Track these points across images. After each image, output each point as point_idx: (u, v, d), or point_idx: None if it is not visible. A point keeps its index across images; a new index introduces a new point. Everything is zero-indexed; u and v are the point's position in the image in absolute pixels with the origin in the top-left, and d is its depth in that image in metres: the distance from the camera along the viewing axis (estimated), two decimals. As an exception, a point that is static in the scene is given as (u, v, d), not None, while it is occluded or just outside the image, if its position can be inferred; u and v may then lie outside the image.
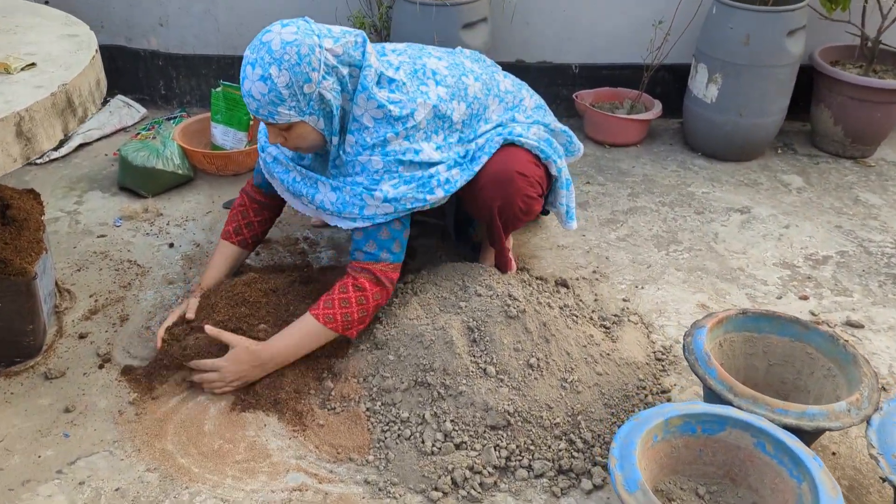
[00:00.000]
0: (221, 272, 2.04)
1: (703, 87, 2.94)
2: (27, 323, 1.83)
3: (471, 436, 1.65)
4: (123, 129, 3.07)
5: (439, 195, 1.82)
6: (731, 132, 2.95)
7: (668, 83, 3.22)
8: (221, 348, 1.79)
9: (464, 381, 1.70)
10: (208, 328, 1.79)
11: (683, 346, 1.68)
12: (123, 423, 1.73)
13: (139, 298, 2.13)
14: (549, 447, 1.66)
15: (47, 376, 1.85)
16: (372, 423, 1.72)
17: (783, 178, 2.93)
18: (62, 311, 2.06)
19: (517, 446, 1.65)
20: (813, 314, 2.18)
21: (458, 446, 1.64)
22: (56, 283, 2.11)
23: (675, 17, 2.94)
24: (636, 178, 2.89)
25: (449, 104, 1.85)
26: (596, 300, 2.18)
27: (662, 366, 1.96)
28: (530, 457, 1.64)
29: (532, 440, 1.66)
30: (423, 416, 1.69)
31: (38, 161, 2.80)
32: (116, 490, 1.57)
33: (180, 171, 2.64)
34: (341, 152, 1.81)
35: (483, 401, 1.67)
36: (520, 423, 1.67)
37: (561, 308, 1.92)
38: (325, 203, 1.84)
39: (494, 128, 1.97)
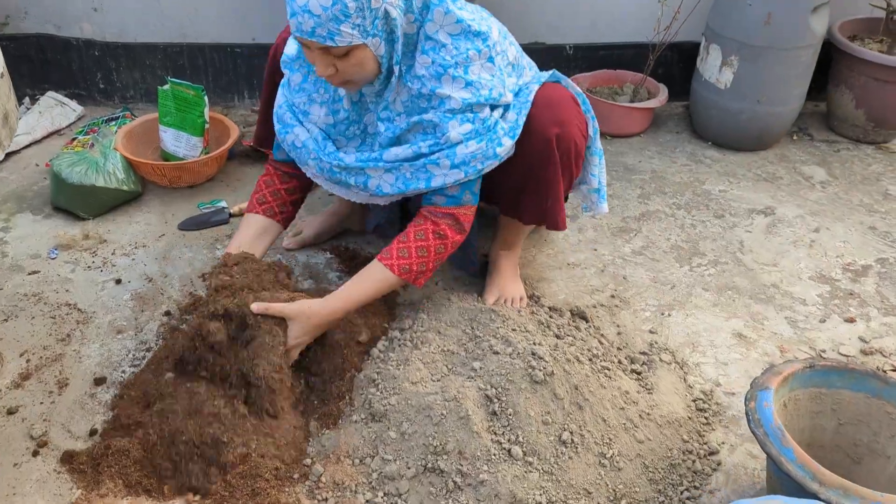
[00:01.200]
0: (245, 245, 1.76)
1: (717, 70, 2.63)
2: (-62, 408, 1.48)
3: None
4: (57, 133, 2.66)
5: (507, 145, 1.62)
6: (748, 121, 2.65)
7: (673, 63, 2.91)
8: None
9: (484, 467, 1.40)
10: (255, 306, 1.55)
11: (747, 413, 1.40)
12: (65, 535, 1.40)
13: (80, 355, 1.78)
14: (591, 544, 1.38)
15: (-32, 471, 1.50)
16: None
17: (803, 170, 2.65)
18: (-14, 379, 1.70)
19: None
20: (863, 340, 1.92)
21: None
22: (-22, 341, 1.76)
23: (684, -8, 2.62)
24: (644, 176, 2.59)
25: (504, 41, 1.65)
26: (619, 334, 1.89)
27: (706, 418, 1.68)
28: None
29: None
30: None
31: (-44, 176, 2.40)
32: None
33: (125, 188, 2.26)
34: (408, 82, 1.57)
35: (509, 491, 1.38)
36: None
37: (591, 360, 1.62)
38: (382, 188, 1.66)
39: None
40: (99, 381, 1.71)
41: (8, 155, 2.51)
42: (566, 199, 1.83)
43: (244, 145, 2.58)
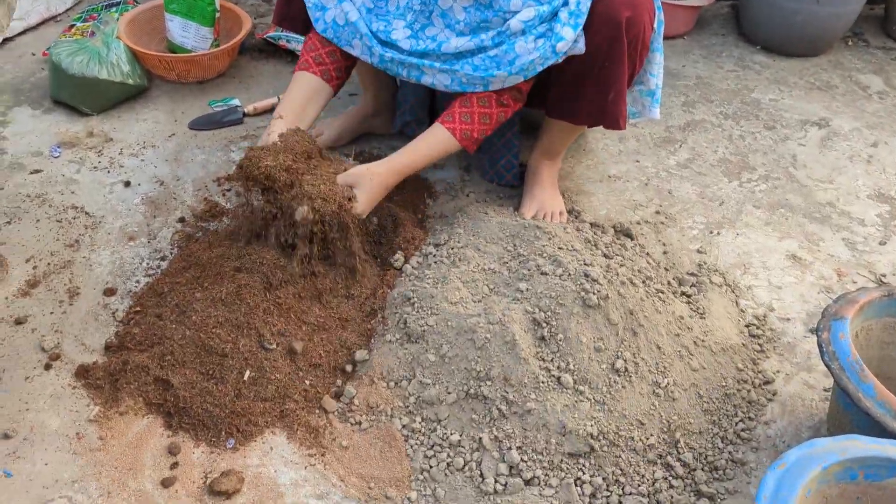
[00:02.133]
0: (297, 109, 1.63)
1: (773, -35, 2.41)
2: (-60, 318, 1.36)
3: (544, 468, 1.27)
4: (53, 19, 2.46)
5: (568, 37, 1.49)
6: (804, 23, 2.44)
7: (721, -43, 2.67)
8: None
9: (532, 395, 1.30)
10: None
11: (819, 345, 1.29)
12: (84, 453, 1.31)
13: (91, 262, 1.66)
14: (644, 476, 1.30)
15: (-24, 385, 1.40)
16: (412, 446, 1.32)
17: (860, 79, 2.46)
18: (-10, 286, 1.59)
19: (604, 479, 1.28)
20: (925, 266, 1.80)
21: (528, 482, 1.26)
22: (-21, 245, 1.63)
23: None
24: (689, 82, 2.40)
25: None
26: (665, 253, 1.76)
27: (759, 344, 1.58)
28: (620, 491, 1.28)
29: (622, 469, 1.29)
30: (480, 439, 1.30)
31: (-53, 65, 2.21)
32: (82, 558, 1.18)
33: (131, 81, 2.08)
34: None
35: (559, 421, 1.28)
36: (606, 448, 1.29)
37: (644, 283, 1.49)
38: (436, 84, 1.58)
39: None
40: (110, 293, 1.59)
41: (1, 42, 2.31)
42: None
43: (257, 38, 2.37)
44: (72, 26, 2.36)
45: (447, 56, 1.52)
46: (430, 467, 1.30)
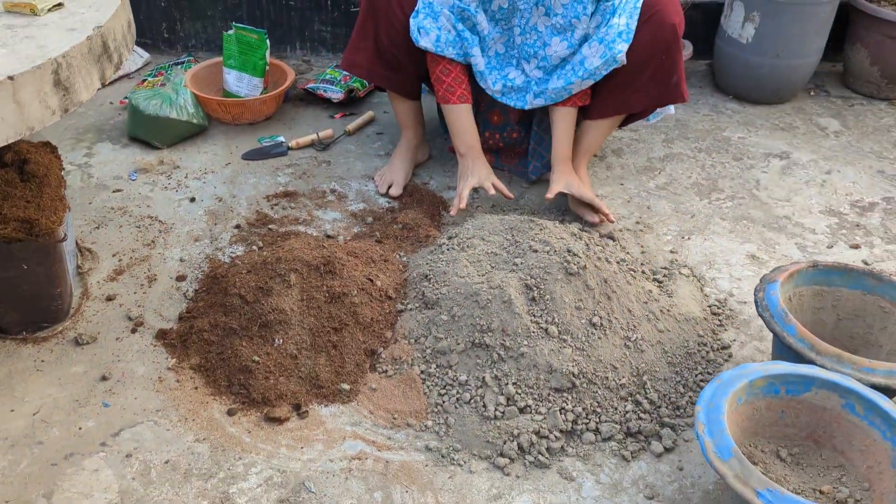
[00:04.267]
0: (473, 132, 2.17)
1: (739, 26, 2.81)
2: (54, 286, 1.72)
3: (535, 399, 1.58)
4: (126, 76, 2.90)
5: (624, 49, 2.00)
6: (767, 74, 2.83)
7: (697, 24, 3.08)
8: None
9: (525, 342, 1.62)
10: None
11: (756, 301, 1.61)
12: (165, 391, 1.64)
13: (165, 257, 2.02)
14: (616, 409, 1.59)
15: (78, 342, 1.74)
16: (428, 387, 1.64)
17: (819, 122, 2.83)
18: (85, 272, 1.94)
19: (583, 409, 1.58)
20: (865, 263, 2.11)
21: (522, 410, 1.57)
22: (76, 242, 1.99)
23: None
24: (668, 124, 2.78)
25: None
26: (643, 252, 2.10)
27: (719, 320, 1.89)
28: (597, 419, 1.58)
29: (598, 402, 1.59)
30: (483, 378, 1.61)
31: (41, 111, 2.63)
32: (166, 463, 1.49)
33: (195, 121, 2.49)
34: None
35: (546, 362, 1.60)
36: (585, 385, 1.59)
37: (618, 262, 1.83)
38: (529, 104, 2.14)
39: None
40: (181, 278, 1.94)
41: (85, 93, 2.75)
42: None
43: (298, 89, 2.80)
44: (144, 80, 2.80)
45: (548, 67, 2.09)
46: (444, 402, 1.61)
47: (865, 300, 1.68)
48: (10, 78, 1.12)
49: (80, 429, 1.55)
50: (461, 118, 2.15)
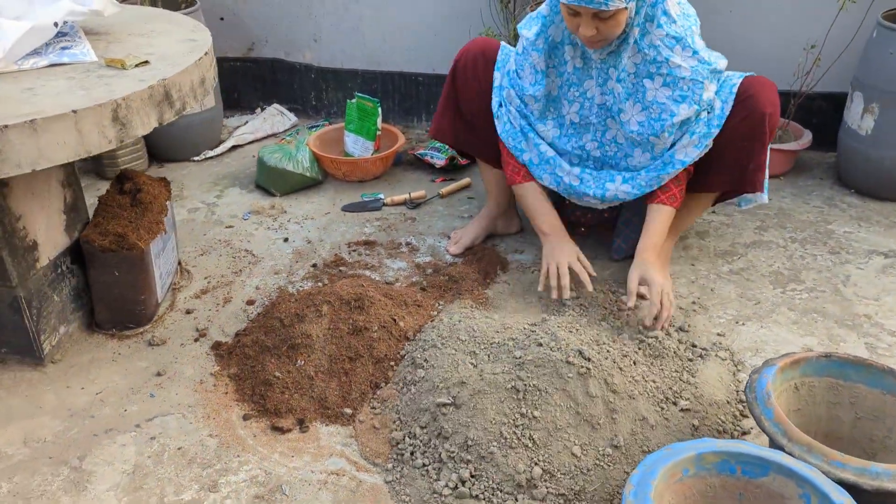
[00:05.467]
0: (548, 209, 2.23)
1: (858, 117, 2.68)
2: (139, 293, 2.05)
3: (489, 491, 1.55)
4: (273, 135, 3.35)
5: (714, 133, 2.01)
6: (890, 168, 2.65)
7: (826, 112, 2.97)
8: None
9: (494, 445, 1.59)
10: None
11: (747, 383, 1.55)
12: (201, 392, 1.89)
13: (245, 284, 2.32)
14: None
15: (150, 343, 2.06)
16: (395, 437, 1.71)
17: (948, 223, 2.58)
18: (177, 289, 2.28)
19: None
20: (944, 374, 1.90)
21: (474, 497, 1.55)
22: (179, 263, 2.35)
23: (826, 39, 2.72)
24: (769, 212, 2.68)
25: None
26: (687, 331, 2.05)
27: (744, 406, 1.80)
28: None
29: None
30: (439, 455, 1.63)
31: (196, 159, 3.13)
32: (179, 449, 1.72)
33: (308, 174, 2.83)
34: (645, 49, 1.92)
35: (512, 470, 1.56)
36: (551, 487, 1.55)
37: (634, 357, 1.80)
38: (618, 196, 2.11)
39: None
40: (250, 303, 2.22)
41: (234, 147, 3.23)
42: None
43: (410, 154, 3.07)
44: (283, 139, 3.23)
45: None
46: (402, 455, 1.67)
47: (885, 400, 1.54)
48: (74, 111, 1.45)
49: (125, 410, 1.84)
50: (529, 196, 2.22)
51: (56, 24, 1.74)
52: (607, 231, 2.44)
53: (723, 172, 2.12)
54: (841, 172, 2.87)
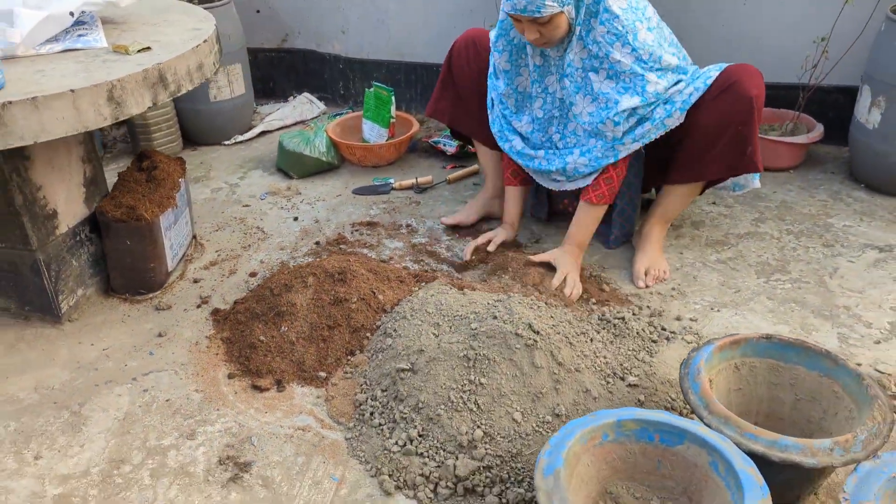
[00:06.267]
0: (520, 208, 2.45)
1: (866, 111, 2.66)
2: (149, 262, 2.24)
3: (433, 449, 1.65)
4: (302, 122, 3.52)
5: (676, 116, 2.06)
6: (894, 163, 2.62)
7: (842, 106, 2.94)
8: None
9: (441, 408, 1.69)
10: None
11: (684, 360, 1.61)
12: (194, 352, 2.06)
13: (251, 258, 2.49)
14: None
15: (157, 308, 2.24)
16: (358, 399, 1.83)
17: (955, 220, 2.54)
18: (189, 260, 2.47)
19: (490, 473, 1.60)
20: (912, 365, 1.91)
21: (420, 454, 1.65)
22: (195, 237, 2.54)
23: (832, 33, 2.70)
24: (770, 204, 2.69)
25: (660, 20, 2.09)
26: (659, 315, 2.11)
27: (699, 388, 1.85)
28: (503, 486, 1.59)
29: (508, 468, 1.61)
30: (394, 416, 1.74)
31: (226, 143, 3.33)
32: (167, 401, 1.89)
33: (324, 159, 2.99)
34: (589, 45, 2.02)
35: (455, 431, 1.65)
36: (490, 449, 1.63)
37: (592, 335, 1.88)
38: (578, 170, 2.20)
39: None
40: (252, 275, 2.38)
41: (263, 133, 3.42)
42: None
43: (424, 141, 3.19)
44: (308, 126, 3.40)
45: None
46: (363, 415, 1.79)
47: (822, 382, 1.58)
48: (72, 91, 1.63)
49: (125, 365, 2.02)
50: (509, 200, 2.44)
51: (72, 14, 1.93)
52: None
53: (720, 160, 2.17)
54: (852, 167, 2.85)
